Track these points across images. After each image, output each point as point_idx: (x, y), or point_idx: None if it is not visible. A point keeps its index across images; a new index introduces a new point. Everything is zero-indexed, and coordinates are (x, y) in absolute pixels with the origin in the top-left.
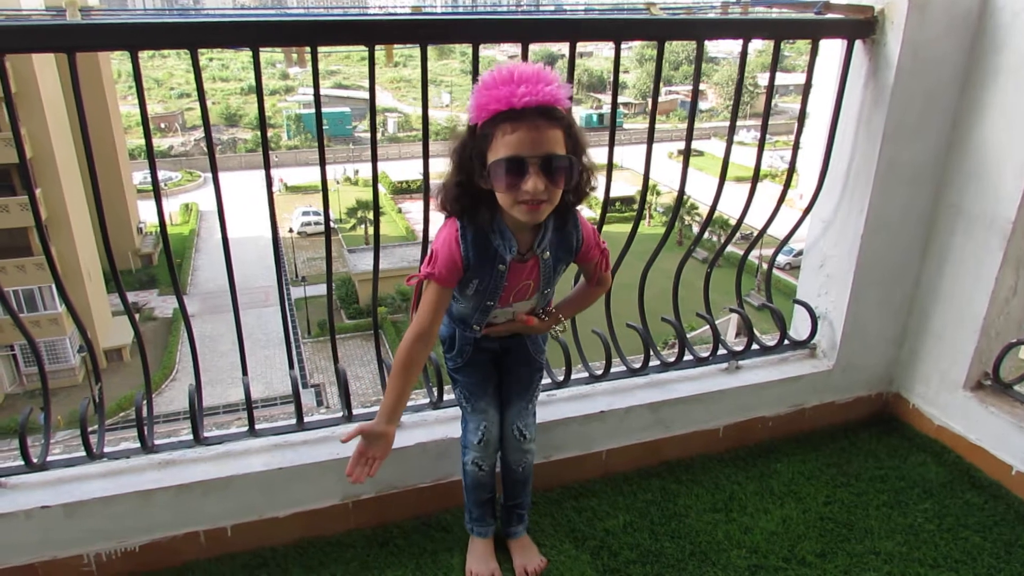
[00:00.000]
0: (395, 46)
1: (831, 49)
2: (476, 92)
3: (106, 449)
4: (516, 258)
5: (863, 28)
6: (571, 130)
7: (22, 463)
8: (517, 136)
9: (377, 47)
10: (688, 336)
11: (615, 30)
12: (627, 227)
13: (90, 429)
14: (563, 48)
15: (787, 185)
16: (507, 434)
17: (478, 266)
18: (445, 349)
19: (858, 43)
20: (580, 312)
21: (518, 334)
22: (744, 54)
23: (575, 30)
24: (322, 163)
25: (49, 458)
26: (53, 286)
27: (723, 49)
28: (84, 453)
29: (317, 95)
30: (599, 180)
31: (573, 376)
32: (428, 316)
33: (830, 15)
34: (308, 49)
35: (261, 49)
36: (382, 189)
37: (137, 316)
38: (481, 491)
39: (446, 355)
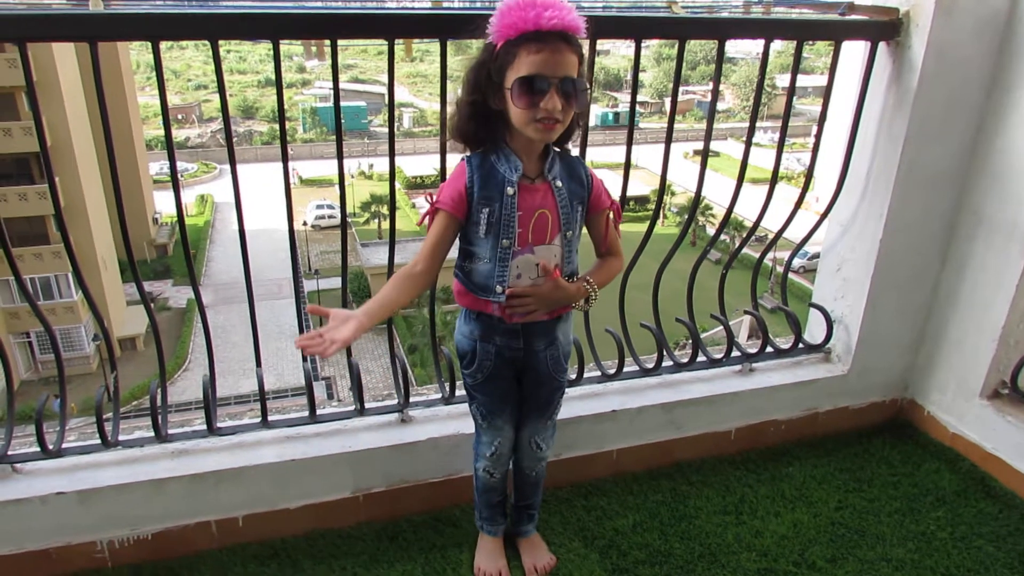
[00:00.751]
0: (414, 40)
1: (852, 51)
2: (502, 13)
3: (121, 437)
4: (524, 180)
5: (887, 30)
6: (583, 59)
7: (38, 449)
8: (542, 56)
9: (396, 41)
10: (701, 336)
11: (636, 28)
12: (641, 227)
13: (105, 416)
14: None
15: (805, 188)
16: (523, 444)
17: (484, 191)
18: (464, 364)
19: (881, 45)
20: (606, 283)
21: (539, 335)
22: (766, 54)
23: (597, 27)
24: (339, 158)
25: (64, 445)
26: (69, 274)
27: (741, 49)
28: (99, 441)
29: (336, 88)
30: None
31: (586, 375)
32: (428, 245)
33: (854, 16)
34: (327, 42)
35: (280, 42)
36: (397, 184)
37: (152, 306)
38: (492, 495)
39: (464, 370)
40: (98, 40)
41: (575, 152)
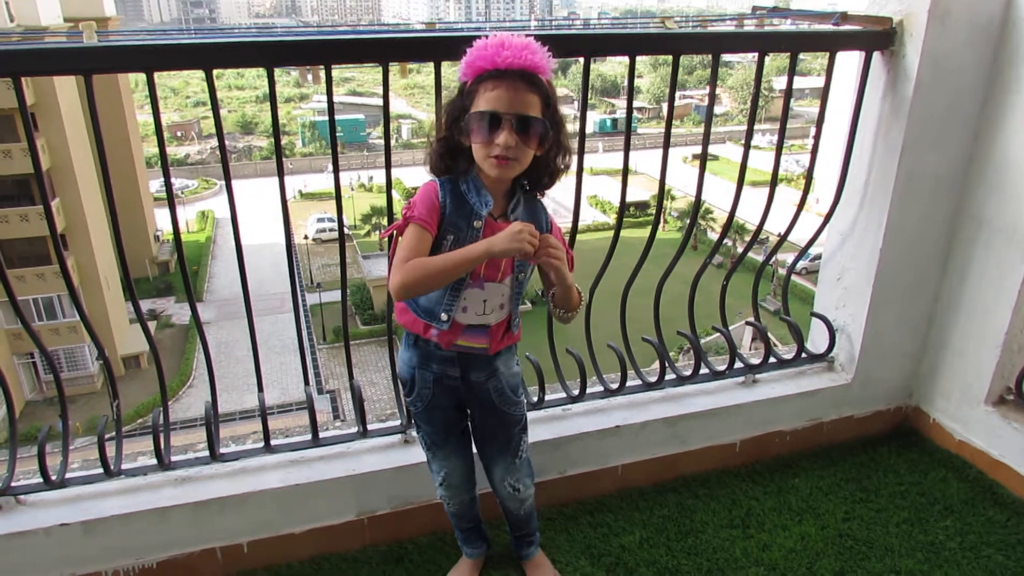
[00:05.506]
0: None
1: (849, 57)
2: (468, 52)
3: (123, 466)
4: (488, 217)
5: (881, 40)
6: (549, 100)
7: (41, 480)
8: (496, 93)
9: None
10: (702, 341)
11: (630, 45)
12: (640, 232)
13: (108, 436)
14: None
15: (805, 192)
16: (498, 487)
17: (454, 217)
18: (405, 392)
19: (876, 54)
20: (575, 302)
21: (477, 366)
22: (760, 67)
23: (591, 45)
24: (336, 176)
25: (67, 475)
26: None
27: (738, 53)
28: (102, 470)
29: (331, 112)
30: (572, 161)
31: (588, 390)
32: (405, 254)
33: (848, 26)
34: (322, 66)
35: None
36: (396, 195)
37: (155, 324)
38: (460, 521)
39: (407, 398)
40: (93, 73)
41: (573, 165)
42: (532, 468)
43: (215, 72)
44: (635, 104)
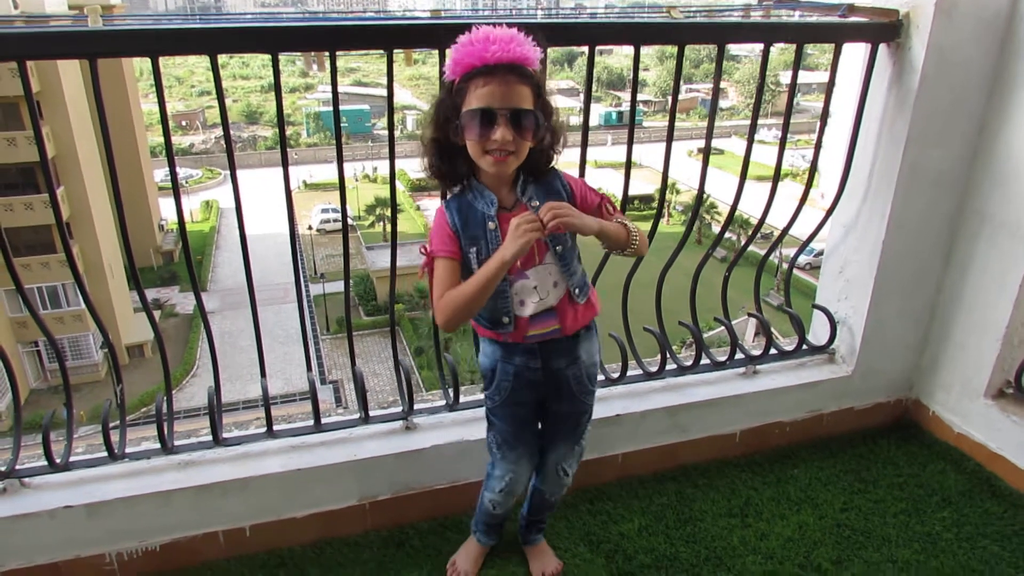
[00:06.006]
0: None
1: (854, 50)
2: (454, 49)
3: (127, 450)
4: (502, 212)
5: (887, 32)
6: (540, 90)
7: (45, 463)
8: (488, 89)
9: (395, 50)
10: (705, 335)
11: (635, 34)
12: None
13: (112, 424)
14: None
15: (808, 185)
16: (548, 469)
17: (468, 231)
18: (485, 385)
19: (882, 47)
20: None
21: (559, 354)
22: (765, 58)
23: (595, 34)
24: (340, 166)
25: (71, 458)
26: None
27: (744, 47)
28: (106, 454)
29: (335, 101)
30: (564, 147)
31: None
32: (439, 290)
33: (854, 18)
34: (327, 53)
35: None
36: (400, 187)
37: (159, 313)
38: (492, 519)
39: (484, 391)
40: (98, 57)
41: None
42: (582, 456)
43: (220, 59)
44: (641, 97)
